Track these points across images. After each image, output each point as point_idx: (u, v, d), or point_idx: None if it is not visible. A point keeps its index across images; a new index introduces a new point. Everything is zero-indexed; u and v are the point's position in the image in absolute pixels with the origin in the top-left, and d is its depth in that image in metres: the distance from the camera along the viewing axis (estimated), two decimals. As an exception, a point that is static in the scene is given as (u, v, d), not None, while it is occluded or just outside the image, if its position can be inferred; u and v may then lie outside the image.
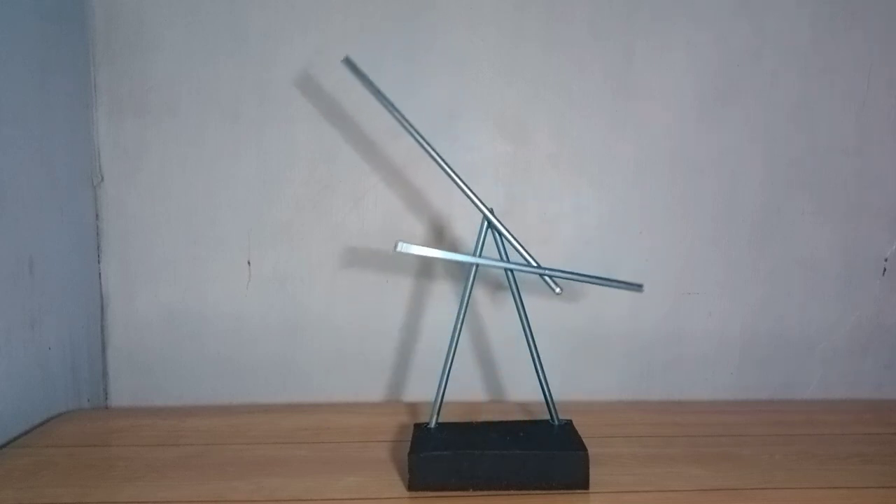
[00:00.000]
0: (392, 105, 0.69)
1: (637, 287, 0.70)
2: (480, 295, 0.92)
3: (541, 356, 0.69)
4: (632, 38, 0.90)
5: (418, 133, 0.69)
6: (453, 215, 0.91)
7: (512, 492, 0.62)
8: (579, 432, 0.67)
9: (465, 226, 0.91)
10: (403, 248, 0.66)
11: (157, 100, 0.89)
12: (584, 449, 0.63)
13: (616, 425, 0.79)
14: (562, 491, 0.62)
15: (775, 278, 0.93)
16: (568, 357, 0.93)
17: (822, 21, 0.90)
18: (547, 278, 0.69)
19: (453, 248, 0.91)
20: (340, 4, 0.89)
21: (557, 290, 0.68)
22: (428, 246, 0.91)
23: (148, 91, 0.89)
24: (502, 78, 0.91)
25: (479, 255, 0.69)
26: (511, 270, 0.69)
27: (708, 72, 0.91)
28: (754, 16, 0.90)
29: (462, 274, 0.90)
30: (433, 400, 0.68)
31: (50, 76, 0.82)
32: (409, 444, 0.65)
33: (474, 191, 0.70)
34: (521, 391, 0.92)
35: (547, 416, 0.69)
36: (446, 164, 0.69)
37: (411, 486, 0.63)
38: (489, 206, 0.69)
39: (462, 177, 0.94)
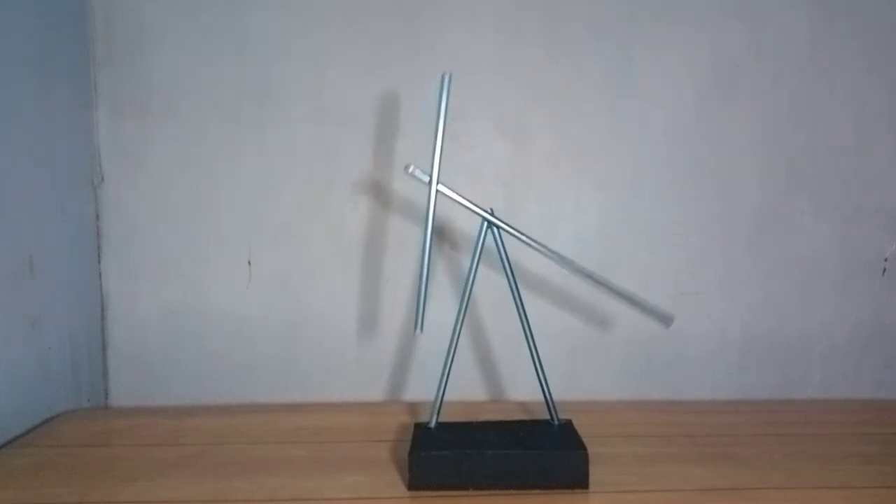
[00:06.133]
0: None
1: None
2: (480, 295, 0.92)
3: (541, 356, 0.69)
4: (631, 38, 0.90)
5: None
6: (453, 215, 0.91)
7: (512, 492, 0.62)
8: (579, 432, 0.67)
9: (466, 225, 0.91)
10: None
11: (158, 100, 0.89)
12: (584, 448, 0.63)
13: (616, 425, 0.79)
14: (562, 491, 0.62)
15: (775, 278, 0.93)
16: (568, 357, 0.93)
17: (821, 21, 0.90)
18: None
19: (454, 248, 0.92)
20: (340, 4, 0.89)
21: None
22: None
23: (148, 91, 0.89)
24: (502, 78, 0.91)
25: (478, 256, 0.69)
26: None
27: (707, 72, 0.91)
28: (754, 16, 0.90)
29: (462, 274, 0.90)
30: (433, 400, 0.68)
31: (50, 77, 0.82)
32: (409, 443, 0.65)
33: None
34: (521, 391, 0.92)
35: (547, 416, 0.69)
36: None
37: (411, 486, 0.63)
38: (489, 207, 0.69)
39: (462, 177, 0.94)
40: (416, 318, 0.65)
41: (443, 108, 0.66)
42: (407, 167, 0.66)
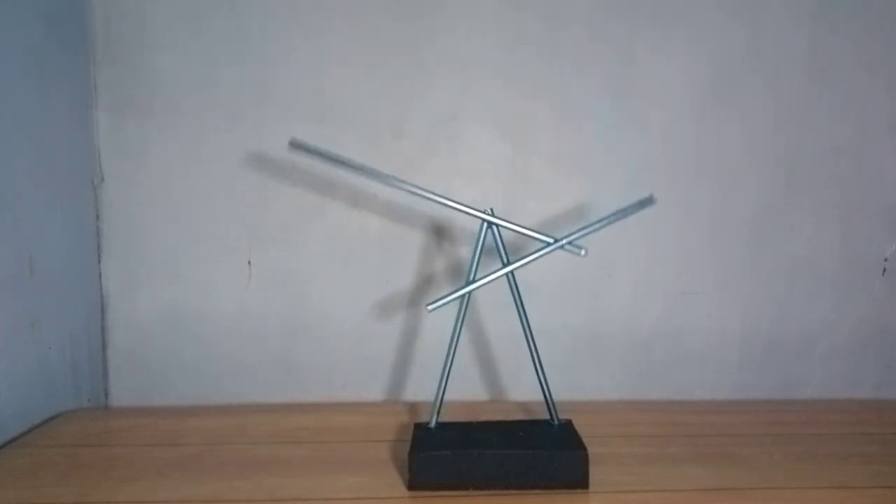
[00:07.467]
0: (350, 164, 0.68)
1: (649, 202, 0.68)
2: (481, 295, 0.92)
3: (541, 356, 0.69)
4: (631, 38, 0.90)
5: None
6: (453, 215, 0.91)
7: (512, 492, 0.62)
8: (579, 432, 0.67)
9: (465, 225, 0.91)
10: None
11: (158, 100, 0.89)
12: (584, 448, 0.63)
13: (616, 425, 0.79)
14: (562, 491, 0.62)
15: (775, 278, 0.93)
16: (568, 357, 0.93)
17: (821, 20, 0.90)
18: (568, 246, 0.67)
19: (454, 248, 0.92)
20: (341, 4, 0.89)
21: (582, 252, 0.67)
22: (427, 244, 0.92)
23: (148, 91, 0.89)
24: (503, 78, 0.91)
25: (478, 256, 0.69)
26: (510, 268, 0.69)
27: (707, 71, 0.91)
28: (753, 16, 0.90)
29: (462, 273, 0.90)
30: (433, 400, 0.68)
31: (50, 76, 0.82)
32: (409, 443, 0.65)
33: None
34: (521, 391, 0.92)
35: (547, 416, 0.69)
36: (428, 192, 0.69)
37: (411, 486, 0.63)
38: (489, 207, 0.69)
39: (462, 176, 0.95)
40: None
41: None
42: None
